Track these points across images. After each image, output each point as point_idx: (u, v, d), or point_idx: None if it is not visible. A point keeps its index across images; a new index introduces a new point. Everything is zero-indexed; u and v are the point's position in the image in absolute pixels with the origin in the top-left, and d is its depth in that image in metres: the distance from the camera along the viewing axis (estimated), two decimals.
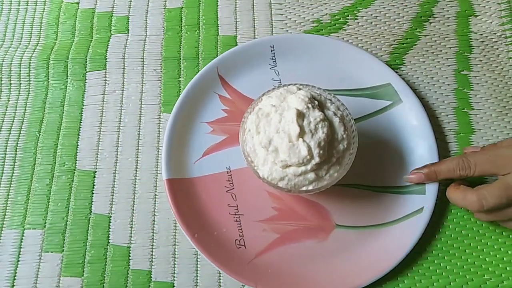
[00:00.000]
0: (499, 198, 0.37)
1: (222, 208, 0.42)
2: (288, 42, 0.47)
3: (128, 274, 0.41)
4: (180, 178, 0.42)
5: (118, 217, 0.43)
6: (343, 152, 0.36)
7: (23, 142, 0.46)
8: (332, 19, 0.50)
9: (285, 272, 0.40)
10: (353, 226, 0.42)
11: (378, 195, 0.43)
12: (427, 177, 0.41)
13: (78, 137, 0.46)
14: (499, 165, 0.38)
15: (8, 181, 0.44)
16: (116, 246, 0.42)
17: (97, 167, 0.45)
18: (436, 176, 0.41)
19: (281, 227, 0.41)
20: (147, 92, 0.47)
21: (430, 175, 0.41)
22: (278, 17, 0.51)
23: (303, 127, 0.35)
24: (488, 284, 0.40)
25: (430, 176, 0.41)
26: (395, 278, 0.41)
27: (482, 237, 0.42)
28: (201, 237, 0.40)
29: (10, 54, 0.49)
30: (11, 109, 0.47)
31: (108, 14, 0.51)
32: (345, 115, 0.38)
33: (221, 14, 0.51)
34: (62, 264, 0.41)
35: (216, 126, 0.45)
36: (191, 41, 0.50)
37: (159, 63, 0.49)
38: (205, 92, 0.45)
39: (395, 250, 0.40)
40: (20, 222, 0.43)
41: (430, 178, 0.41)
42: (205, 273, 0.41)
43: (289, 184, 0.36)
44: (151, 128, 0.46)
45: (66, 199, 0.43)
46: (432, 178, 0.41)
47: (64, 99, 0.47)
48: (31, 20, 0.51)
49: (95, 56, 0.49)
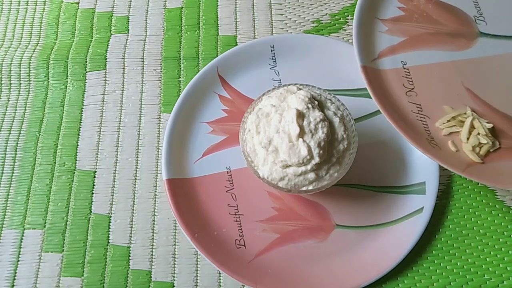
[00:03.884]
0: None
1: (222, 208, 0.42)
2: (288, 42, 0.47)
3: (128, 274, 0.41)
4: (180, 178, 0.42)
5: (118, 217, 0.43)
6: (343, 152, 0.36)
7: (23, 142, 0.46)
8: (332, 19, 0.50)
9: (285, 272, 0.40)
10: (353, 226, 0.42)
11: (378, 195, 0.43)
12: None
13: (78, 137, 0.46)
14: None
15: (8, 181, 0.44)
16: (116, 246, 0.42)
17: (97, 167, 0.45)
18: None
19: (281, 227, 0.41)
20: (147, 92, 0.47)
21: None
22: (278, 17, 0.51)
23: (303, 127, 0.35)
24: (488, 284, 0.40)
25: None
26: (395, 278, 0.41)
27: (482, 237, 0.42)
28: (201, 237, 0.40)
29: (10, 54, 0.49)
30: (11, 109, 0.47)
31: (108, 14, 0.51)
32: (345, 115, 0.38)
33: (221, 14, 0.51)
34: (62, 264, 0.41)
35: (216, 126, 0.45)
36: (191, 41, 0.50)
37: (159, 63, 0.49)
38: (205, 92, 0.46)
39: (395, 250, 0.40)
40: (20, 222, 0.43)
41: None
42: (205, 273, 0.41)
43: (289, 184, 0.36)
44: (151, 128, 0.46)
45: (66, 199, 0.43)
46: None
47: (64, 99, 0.47)
48: (31, 20, 0.51)
49: (95, 56, 0.49)
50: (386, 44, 0.43)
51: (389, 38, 0.43)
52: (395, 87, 0.41)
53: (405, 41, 0.43)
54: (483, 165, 0.38)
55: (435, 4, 0.45)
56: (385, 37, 0.43)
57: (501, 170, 0.38)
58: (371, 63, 0.41)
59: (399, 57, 0.42)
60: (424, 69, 0.42)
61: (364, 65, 0.41)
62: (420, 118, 0.40)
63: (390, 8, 0.44)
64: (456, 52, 0.43)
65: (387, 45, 0.43)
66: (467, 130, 0.39)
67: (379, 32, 0.43)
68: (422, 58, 0.43)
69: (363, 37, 0.42)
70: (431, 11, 0.45)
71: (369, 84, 0.40)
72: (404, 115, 0.40)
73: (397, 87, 0.41)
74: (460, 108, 0.41)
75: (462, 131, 0.39)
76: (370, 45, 0.43)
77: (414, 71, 0.42)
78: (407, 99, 0.40)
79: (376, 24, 0.43)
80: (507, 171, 0.38)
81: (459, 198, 0.43)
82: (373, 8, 0.44)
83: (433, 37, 0.44)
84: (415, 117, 0.40)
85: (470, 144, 0.39)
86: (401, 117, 0.39)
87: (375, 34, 0.43)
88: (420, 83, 0.41)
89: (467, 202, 0.43)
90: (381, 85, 0.41)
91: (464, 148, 0.39)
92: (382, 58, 0.42)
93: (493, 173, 0.38)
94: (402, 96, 0.41)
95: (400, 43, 0.43)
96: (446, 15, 0.45)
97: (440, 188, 0.43)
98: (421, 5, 0.45)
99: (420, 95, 0.41)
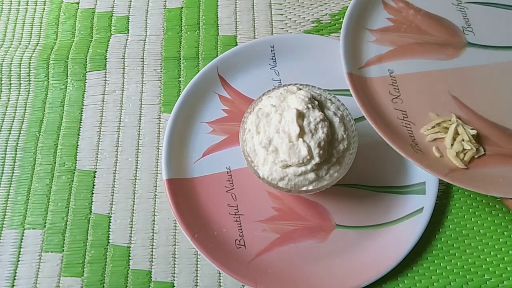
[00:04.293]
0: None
1: (222, 208, 0.42)
2: (288, 42, 0.47)
3: (128, 274, 0.41)
4: (180, 178, 0.42)
5: (118, 217, 0.43)
6: (343, 152, 0.36)
7: (23, 142, 0.46)
8: (332, 19, 0.50)
9: (285, 272, 0.40)
10: (353, 226, 0.42)
11: (378, 195, 0.43)
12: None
13: (78, 137, 0.46)
14: None
15: (8, 181, 0.44)
16: (116, 246, 0.42)
17: (97, 167, 0.45)
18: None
19: (281, 227, 0.41)
20: (147, 92, 0.47)
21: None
22: (278, 17, 0.51)
23: (303, 127, 0.35)
24: (489, 284, 0.40)
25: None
26: (395, 278, 0.41)
27: (482, 237, 0.42)
28: (201, 237, 0.40)
29: (10, 54, 0.49)
30: (11, 109, 0.47)
31: (108, 14, 0.51)
32: (345, 115, 0.38)
33: (221, 14, 0.51)
34: (62, 264, 0.41)
35: (216, 126, 0.45)
36: (191, 41, 0.50)
37: (159, 63, 0.49)
38: (205, 92, 0.46)
39: (395, 250, 0.40)
40: (20, 222, 0.43)
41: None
42: (205, 273, 0.41)
43: (289, 184, 0.36)
44: (151, 128, 0.46)
45: (66, 199, 0.43)
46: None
47: (64, 99, 0.47)
48: (31, 20, 0.51)
49: (95, 56, 0.49)
50: (373, 53, 0.43)
51: (376, 47, 0.44)
52: (381, 94, 0.42)
53: (393, 50, 0.44)
54: (466, 170, 0.39)
55: (424, 16, 0.45)
56: (373, 46, 0.43)
57: (485, 176, 0.39)
58: (357, 70, 0.42)
59: (386, 65, 0.43)
60: (411, 77, 0.43)
61: (350, 72, 0.41)
62: (405, 125, 0.40)
63: (379, 18, 0.45)
64: (443, 61, 0.44)
65: (374, 54, 0.43)
66: (451, 136, 0.39)
67: (367, 42, 0.44)
68: (409, 67, 0.43)
69: (351, 45, 0.43)
70: (420, 22, 0.45)
71: (354, 90, 0.40)
72: (388, 121, 0.40)
73: (383, 94, 0.42)
74: (446, 115, 0.41)
75: (446, 137, 0.40)
76: (357, 53, 0.43)
77: (401, 79, 0.42)
78: (392, 105, 0.41)
79: (365, 34, 0.44)
80: (490, 178, 0.39)
81: (459, 198, 0.43)
82: (362, 18, 0.44)
83: (421, 47, 0.44)
84: (400, 123, 0.40)
85: (454, 150, 0.39)
86: (386, 123, 0.40)
87: (363, 43, 0.43)
88: (406, 90, 0.42)
89: (467, 202, 0.43)
90: (366, 92, 0.41)
91: (449, 154, 0.39)
92: (369, 67, 0.43)
93: (476, 179, 0.38)
94: (387, 103, 0.41)
95: (388, 52, 0.43)
96: (434, 26, 0.45)
97: (440, 188, 0.43)
98: (410, 16, 0.45)
99: (406, 102, 0.41)
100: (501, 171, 0.39)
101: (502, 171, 0.39)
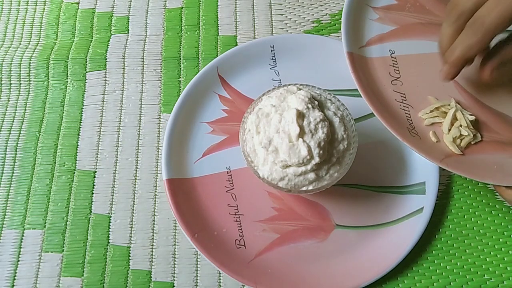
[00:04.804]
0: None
1: (222, 208, 0.42)
2: (288, 42, 0.47)
3: (128, 274, 0.41)
4: (180, 178, 0.42)
5: (118, 217, 0.43)
6: (343, 152, 0.36)
7: (23, 142, 0.46)
8: (332, 19, 0.50)
9: (285, 272, 0.40)
10: (353, 226, 0.42)
11: (378, 195, 0.43)
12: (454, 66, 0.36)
13: (78, 137, 0.46)
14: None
15: (8, 181, 0.44)
16: (116, 246, 0.42)
17: (97, 167, 0.45)
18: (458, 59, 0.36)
19: (281, 227, 0.41)
20: (147, 92, 0.47)
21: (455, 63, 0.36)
22: (278, 17, 0.51)
23: (303, 127, 0.35)
24: (489, 284, 0.40)
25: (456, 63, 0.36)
26: (395, 278, 0.41)
27: (482, 237, 0.42)
28: (201, 237, 0.40)
29: (10, 54, 0.49)
30: (11, 109, 0.47)
31: (108, 14, 0.51)
32: (345, 115, 0.38)
33: (221, 14, 0.51)
34: (62, 264, 0.41)
35: (216, 126, 0.45)
36: (191, 41, 0.50)
37: (159, 63, 0.49)
38: (205, 92, 0.46)
39: (395, 250, 0.40)
40: (20, 222, 0.43)
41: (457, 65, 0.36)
42: (205, 273, 0.41)
43: (289, 184, 0.36)
44: (151, 128, 0.46)
45: (66, 199, 0.43)
46: (457, 64, 0.36)
47: (64, 99, 0.47)
48: (31, 20, 0.51)
49: (95, 56, 0.49)
50: (375, 32, 0.42)
51: (379, 26, 0.43)
52: (381, 75, 0.41)
53: (396, 30, 0.43)
54: (462, 156, 0.38)
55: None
56: (375, 25, 0.43)
57: (480, 163, 0.38)
58: (358, 50, 0.41)
59: (387, 45, 0.42)
60: (412, 59, 0.42)
61: (350, 51, 0.40)
62: (403, 107, 0.40)
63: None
64: None
65: (376, 33, 0.42)
66: (449, 121, 0.39)
67: (370, 20, 0.42)
68: (411, 48, 0.42)
69: (353, 23, 0.42)
70: (425, 1, 0.44)
71: (353, 70, 0.39)
72: (387, 103, 0.39)
73: (383, 75, 0.41)
74: (445, 99, 0.41)
75: (444, 122, 0.39)
76: (359, 32, 0.42)
77: (402, 60, 0.42)
78: (392, 87, 0.40)
79: (367, 11, 0.43)
80: (485, 164, 0.38)
81: (459, 198, 0.43)
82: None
83: (425, 27, 0.43)
84: (398, 106, 0.40)
85: (451, 135, 0.39)
86: (384, 105, 0.39)
87: (365, 21, 0.42)
88: (406, 72, 0.41)
89: (467, 202, 0.43)
90: (366, 72, 0.40)
91: (445, 139, 0.39)
92: (370, 46, 0.42)
93: (472, 165, 0.38)
94: (387, 85, 0.40)
95: (390, 32, 0.43)
96: (439, 6, 0.44)
97: (440, 188, 0.43)
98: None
99: (406, 85, 0.41)
100: (495, 158, 0.39)
101: (497, 158, 0.39)
